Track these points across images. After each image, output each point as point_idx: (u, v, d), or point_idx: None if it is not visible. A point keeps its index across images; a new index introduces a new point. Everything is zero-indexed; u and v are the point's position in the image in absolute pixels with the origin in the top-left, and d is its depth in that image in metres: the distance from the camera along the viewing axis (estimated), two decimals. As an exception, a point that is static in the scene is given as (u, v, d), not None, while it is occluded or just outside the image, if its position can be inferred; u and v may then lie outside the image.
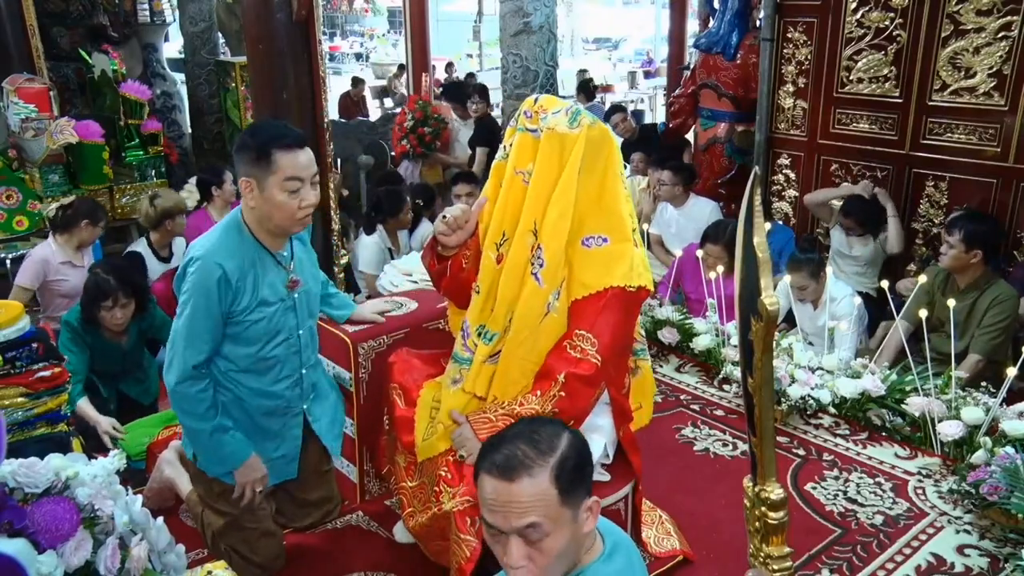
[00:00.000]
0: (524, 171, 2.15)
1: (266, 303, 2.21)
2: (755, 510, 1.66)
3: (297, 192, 2.12)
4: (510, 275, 2.16)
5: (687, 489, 2.95)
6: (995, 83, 4.06)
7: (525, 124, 2.16)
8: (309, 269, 2.40)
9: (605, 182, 2.17)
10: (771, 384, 1.57)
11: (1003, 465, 2.68)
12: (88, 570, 1.65)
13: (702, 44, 5.81)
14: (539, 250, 2.12)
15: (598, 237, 2.15)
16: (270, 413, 2.34)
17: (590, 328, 2.11)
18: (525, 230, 2.14)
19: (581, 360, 2.10)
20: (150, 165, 5.86)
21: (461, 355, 2.27)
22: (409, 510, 2.33)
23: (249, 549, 2.40)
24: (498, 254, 2.20)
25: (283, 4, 3.29)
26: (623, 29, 28.38)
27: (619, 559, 1.43)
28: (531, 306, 2.13)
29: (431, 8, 8.06)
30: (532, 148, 2.14)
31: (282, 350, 2.29)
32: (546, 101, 2.17)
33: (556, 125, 2.10)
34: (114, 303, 3.24)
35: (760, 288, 1.44)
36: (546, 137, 2.10)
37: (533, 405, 2.09)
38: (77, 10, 6.43)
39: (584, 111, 2.15)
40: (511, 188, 2.18)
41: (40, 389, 2.63)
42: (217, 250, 2.14)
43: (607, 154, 2.17)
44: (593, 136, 2.11)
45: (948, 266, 3.68)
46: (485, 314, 2.22)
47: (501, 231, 2.20)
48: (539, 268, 2.11)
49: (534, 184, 2.13)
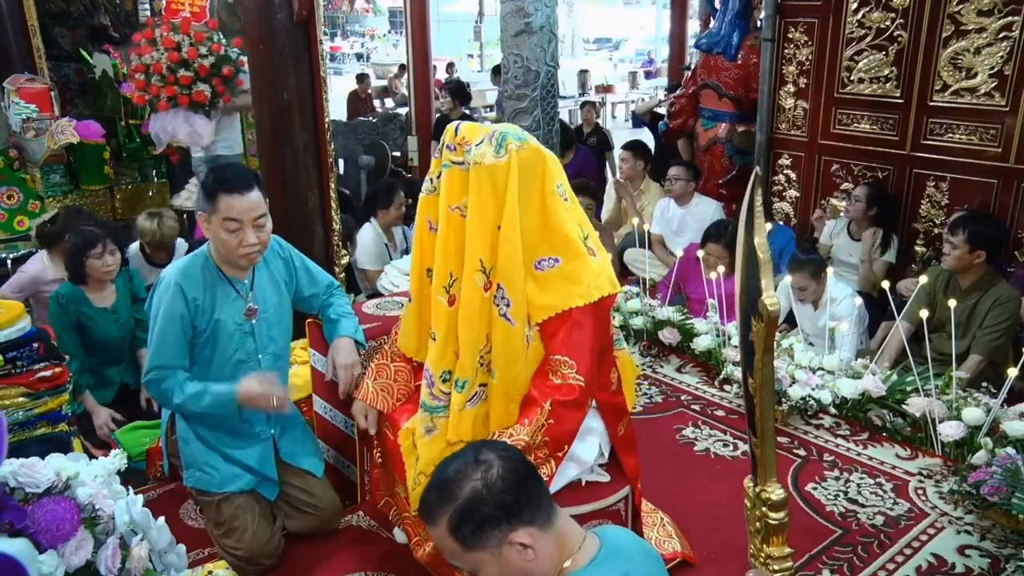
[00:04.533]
0: (459, 206, 2.10)
1: (222, 326, 2.40)
2: (756, 510, 1.66)
3: (236, 232, 2.29)
4: (467, 318, 2.11)
5: (688, 489, 2.94)
6: (996, 83, 4.06)
7: (450, 158, 2.11)
8: (273, 297, 2.52)
9: (544, 203, 2.11)
10: (772, 384, 1.57)
11: (1004, 466, 2.68)
12: (89, 570, 1.65)
13: (703, 44, 5.81)
14: (501, 289, 2.07)
15: (549, 259, 2.11)
16: (235, 435, 2.49)
17: (566, 352, 2.09)
18: (472, 269, 2.09)
19: (563, 385, 2.07)
20: (151, 165, 5.86)
21: (429, 404, 2.23)
22: (416, 539, 2.33)
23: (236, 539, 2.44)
24: (448, 296, 2.16)
25: (284, 4, 3.28)
26: (624, 29, 28.42)
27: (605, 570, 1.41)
28: (510, 347, 2.09)
29: (432, 8, 8.06)
30: (463, 182, 2.08)
31: (242, 372, 2.44)
32: (467, 131, 2.10)
33: (483, 158, 2.03)
34: (103, 248, 3.33)
35: (761, 289, 1.44)
36: (474, 172, 2.04)
37: (522, 436, 2.06)
38: (78, 10, 6.42)
39: (509, 134, 2.06)
40: (449, 226, 2.13)
41: (41, 389, 2.64)
42: (179, 273, 2.37)
43: (540, 173, 2.10)
44: (524, 159, 2.05)
45: (951, 267, 3.68)
46: (448, 360, 2.19)
47: (448, 272, 2.15)
48: (507, 308, 2.07)
49: (471, 220, 2.07)
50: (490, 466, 1.39)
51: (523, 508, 1.38)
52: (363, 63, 22.99)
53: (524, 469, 1.43)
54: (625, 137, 8.35)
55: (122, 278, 3.50)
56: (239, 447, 2.50)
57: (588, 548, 1.43)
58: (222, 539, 2.45)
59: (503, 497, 1.37)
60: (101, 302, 3.40)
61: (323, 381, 2.71)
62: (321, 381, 2.74)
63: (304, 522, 2.62)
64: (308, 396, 2.88)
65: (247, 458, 2.50)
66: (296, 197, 3.50)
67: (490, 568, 1.39)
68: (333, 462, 2.87)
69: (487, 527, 1.36)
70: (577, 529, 1.48)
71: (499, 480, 1.38)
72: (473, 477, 1.38)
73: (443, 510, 1.37)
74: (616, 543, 1.47)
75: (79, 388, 3.28)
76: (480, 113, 12.56)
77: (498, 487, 1.37)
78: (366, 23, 28.93)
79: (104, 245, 3.31)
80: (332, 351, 2.57)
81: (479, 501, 1.36)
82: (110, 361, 3.50)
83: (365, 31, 28.38)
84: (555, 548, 1.41)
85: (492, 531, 1.36)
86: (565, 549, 1.42)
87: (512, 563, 1.37)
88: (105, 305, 3.41)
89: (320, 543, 2.64)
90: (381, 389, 2.40)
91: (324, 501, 2.62)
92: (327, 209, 3.59)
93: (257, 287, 2.47)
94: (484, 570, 1.39)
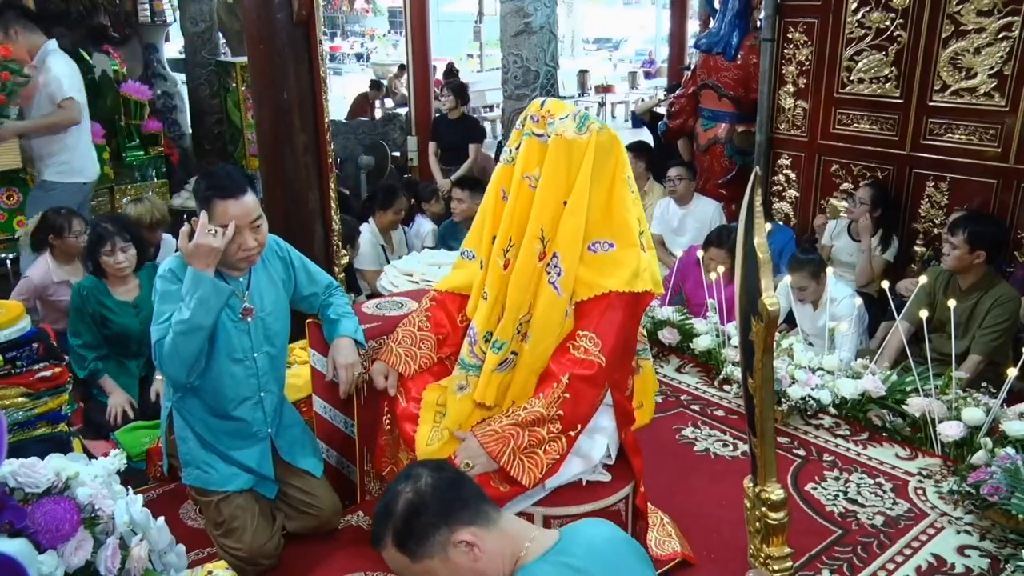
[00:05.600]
0: (531, 176, 2.15)
1: (219, 325, 2.36)
2: (755, 510, 1.67)
3: (234, 237, 2.29)
4: (518, 282, 2.15)
5: (687, 489, 2.95)
6: (996, 83, 4.06)
7: (532, 129, 2.15)
8: (271, 297, 2.51)
9: (613, 188, 2.16)
10: (771, 384, 1.57)
11: (1003, 466, 2.68)
12: (88, 570, 1.65)
13: (702, 44, 5.81)
14: (555, 258, 2.11)
15: (604, 242, 2.15)
16: (233, 434, 2.48)
17: (594, 328, 2.11)
18: (532, 236, 2.13)
19: (584, 360, 2.09)
20: (151, 165, 5.86)
21: (468, 361, 2.25)
22: None
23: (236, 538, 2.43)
24: (505, 259, 2.19)
25: (284, 5, 3.28)
26: (624, 29, 28.43)
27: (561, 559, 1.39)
28: (550, 316, 2.12)
29: (431, 8, 8.06)
30: (539, 153, 2.13)
31: (239, 369, 2.44)
32: (553, 105, 2.16)
33: (564, 131, 2.08)
34: (112, 247, 3.33)
35: (761, 289, 1.44)
36: (554, 143, 2.09)
37: (537, 408, 2.08)
38: (78, 10, 6.41)
39: (592, 116, 2.13)
40: (519, 193, 2.17)
41: (41, 389, 2.64)
42: (179, 267, 2.35)
43: (615, 159, 2.16)
44: (603, 142, 2.10)
45: (951, 267, 3.68)
46: (492, 321, 2.21)
47: (508, 237, 2.19)
48: (557, 277, 2.10)
49: (541, 190, 2.12)
50: (419, 477, 1.44)
51: (459, 509, 1.41)
52: (363, 63, 23.01)
53: (455, 475, 1.48)
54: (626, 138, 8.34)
55: (147, 272, 3.48)
56: (237, 447, 2.49)
57: (543, 540, 1.43)
58: (222, 539, 2.45)
59: (437, 503, 1.41)
60: (123, 295, 3.42)
61: (323, 381, 2.71)
62: (321, 381, 2.74)
63: (304, 522, 2.62)
64: (308, 396, 2.88)
65: (245, 458, 2.50)
66: (296, 197, 3.50)
67: (440, 570, 1.41)
68: (333, 462, 2.86)
69: (429, 534, 1.39)
70: (526, 525, 1.50)
71: (429, 488, 1.42)
72: (405, 492, 1.43)
73: (386, 530, 1.42)
74: (578, 536, 1.45)
75: (97, 373, 3.34)
76: (480, 113, 12.57)
77: (430, 494, 1.41)
78: (366, 23, 28.92)
79: (114, 243, 3.32)
80: (332, 351, 2.57)
81: (415, 511, 1.41)
82: (130, 353, 3.50)
83: (365, 31, 28.37)
84: (503, 544, 1.42)
85: (434, 536, 1.39)
86: (516, 544, 1.43)
87: (461, 565, 1.39)
88: (127, 299, 3.42)
89: (320, 543, 2.64)
90: (404, 353, 2.40)
91: (324, 501, 2.62)
92: (327, 209, 3.59)
93: (254, 286, 2.47)
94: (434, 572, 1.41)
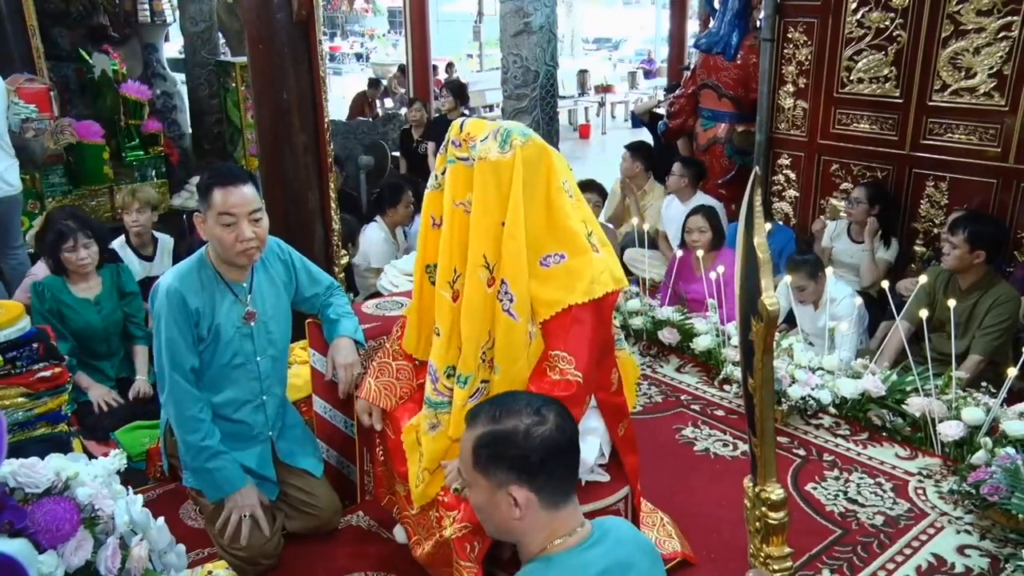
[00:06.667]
0: (464, 202, 2.10)
1: (221, 330, 2.40)
2: (755, 510, 1.66)
3: (231, 227, 2.29)
4: (469, 314, 2.11)
5: (687, 489, 2.95)
6: (995, 83, 4.06)
7: (455, 153, 2.10)
8: (272, 300, 2.51)
9: (549, 199, 2.10)
10: (771, 384, 1.57)
11: (1003, 466, 2.68)
12: (88, 570, 1.65)
13: (702, 44, 5.81)
14: (504, 285, 2.06)
15: (555, 255, 2.10)
16: (233, 436, 2.48)
17: (565, 347, 2.08)
18: (476, 264, 2.08)
19: (560, 381, 2.06)
20: (150, 165, 5.85)
21: (434, 399, 2.22)
22: (415, 538, 2.33)
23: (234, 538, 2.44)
24: (452, 292, 2.16)
25: (283, 4, 3.28)
26: (623, 29, 28.43)
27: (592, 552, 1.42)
28: (513, 343, 2.08)
29: (431, 8, 8.07)
30: (467, 177, 2.08)
31: (241, 374, 2.45)
32: (472, 127, 2.10)
33: (487, 153, 2.02)
34: (75, 243, 3.32)
35: (760, 288, 1.44)
36: (479, 168, 2.04)
37: None
38: (77, 10, 6.41)
39: (514, 130, 2.05)
40: (454, 221, 2.13)
41: (40, 389, 2.64)
42: (178, 279, 2.36)
43: (545, 169, 2.09)
44: (528, 156, 2.03)
45: (951, 267, 3.68)
46: (452, 355, 2.18)
47: (452, 268, 2.15)
48: (510, 304, 2.06)
49: (475, 216, 2.07)
50: (543, 422, 1.43)
51: (538, 474, 1.41)
52: (363, 63, 22.99)
53: (567, 446, 1.46)
54: (625, 137, 8.35)
55: (109, 271, 3.50)
56: (237, 449, 2.49)
57: (580, 534, 1.45)
58: (222, 539, 2.45)
59: (531, 454, 1.40)
60: (83, 292, 3.42)
61: (323, 381, 2.71)
62: (321, 381, 2.74)
63: (304, 522, 2.62)
64: (308, 396, 2.88)
65: (245, 459, 2.50)
66: (296, 197, 3.49)
67: (480, 496, 1.46)
68: (333, 462, 2.86)
69: (501, 464, 1.41)
70: (580, 521, 1.49)
71: (538, 438, 1.41)
72: (523, 419, 1.43)
73: (484, 424, 1.44)
74: (611, 532, 1.48)
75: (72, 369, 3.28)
76: (480, 113, 12.57)
77: (533, 443, 1.41)
78: (366, 23, 28.92)
79: (76, 239, 3.32)
80: (332, 351, 2.57)
81: (510, 441, 1.41)
82: (99, 354, 3.49)
83: (365, 31, 28.36)
84: (545, 525, 1.43)
85: (502, 471, 1.41)
86: (556, 532, 1.44)
87: (499, 508, 1.42)
88: (87, 296, 3.42)
89: (320, 543, 2.64)
90: (384, 387, 2.40)
91: (324, 501, 2.62)
92: (327, 209, 3.58)
93: (256, 290, 2.47)
94: (475, 494, 1.47)
